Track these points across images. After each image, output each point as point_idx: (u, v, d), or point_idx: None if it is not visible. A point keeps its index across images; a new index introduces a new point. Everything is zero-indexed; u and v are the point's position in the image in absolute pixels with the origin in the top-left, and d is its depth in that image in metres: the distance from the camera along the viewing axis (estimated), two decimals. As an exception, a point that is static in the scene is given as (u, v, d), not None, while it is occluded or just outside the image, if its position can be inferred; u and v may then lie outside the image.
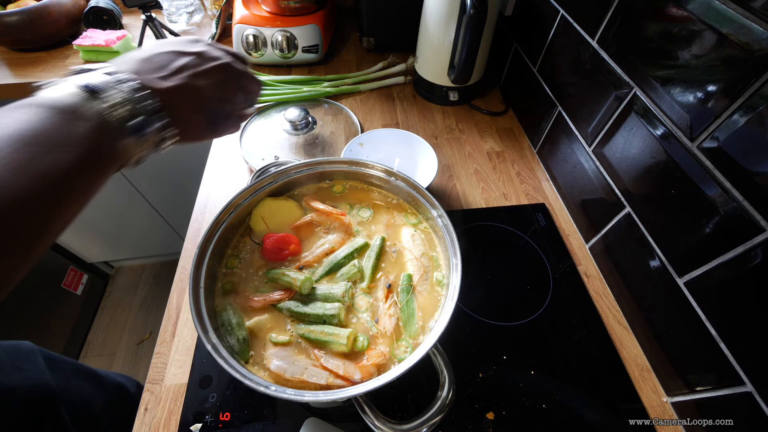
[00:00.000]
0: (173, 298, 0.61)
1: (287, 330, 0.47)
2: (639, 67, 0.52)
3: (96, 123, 0.23)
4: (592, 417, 0.52)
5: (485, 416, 0.51)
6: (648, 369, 0.56)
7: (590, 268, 0.67)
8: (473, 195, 0.77)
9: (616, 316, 0.61)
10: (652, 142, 0.51)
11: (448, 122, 0.91)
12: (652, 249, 0.52)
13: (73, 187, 0.22)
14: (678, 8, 0.45)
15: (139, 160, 0.29)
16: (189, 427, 0.49)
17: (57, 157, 0.21)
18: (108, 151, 0.24)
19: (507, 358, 0.56)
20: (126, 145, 0.26)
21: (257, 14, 0.93)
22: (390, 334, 0.47)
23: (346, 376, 0.43)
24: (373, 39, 1.04)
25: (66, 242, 1.46)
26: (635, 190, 0.56)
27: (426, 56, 0.88)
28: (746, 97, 0.38)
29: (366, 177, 0.60)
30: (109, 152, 0.24)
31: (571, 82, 0.69)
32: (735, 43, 0.39)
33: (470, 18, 0.69)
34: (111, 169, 0.26)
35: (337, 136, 0.85)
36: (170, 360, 0.55)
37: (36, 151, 0.20)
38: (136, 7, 0.94)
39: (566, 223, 0.73)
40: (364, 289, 0.51)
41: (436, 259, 0.54)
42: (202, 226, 0.71)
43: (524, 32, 0.86)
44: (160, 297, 1.69)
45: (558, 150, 0.76)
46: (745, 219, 0.39)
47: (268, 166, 0.58)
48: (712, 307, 0.45)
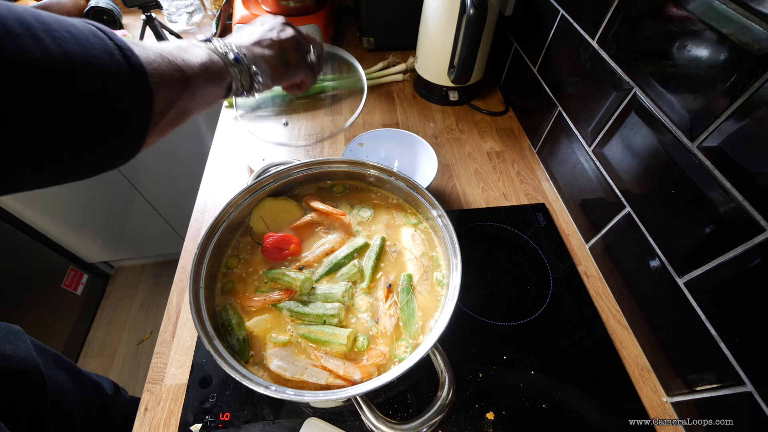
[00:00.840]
0: (173, 298, 0.61)
1: (287, 330, 0.47)
2: (639, 67, 0.52)
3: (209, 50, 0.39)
4: (592, 417, 0.52)
5: (485, 416, 0.51)
6: (648, 369, 0.56)
7: (590, 268, 0.67)
8: (473, 195, 0.77)
9: (616, 316, 0.61)
10: (652, 142, 0.51)
11: (448, 122, 0.91)
12: (652, 249, 0.52)
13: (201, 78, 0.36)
14: (678, 8, 0.45)
15: (239, 90, 0.43)
16: (189, 427, 0.49)
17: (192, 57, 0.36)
18: (217, 67, 0.39)
19: (507, 358, 0.56)
20: (228, 70, 0.40)
21: (257, 14, 0.93)
22: (390, 334, 0.47)
23: (346, 376, 0.43)
24: (373, 39, 1.04)
25: (66, 242, 1.45)
26: (635, 190, 0.56)
27: (426, 56, 0.88)
28: (746, 97, 0.38)
29: (366, 177, 0.60)
30: (218, 68, 0.39)
31: (571, 82, 0.69)
32: (735, 43, 0.39)
33: (470, 18, 0.69)
34: (221, 81, 0.39)
35: (337, 136, 0.84)
36: (170, 360, 0.55)
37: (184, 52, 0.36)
38: (136, 7, 0.94)
39: (566, 223, 0.73)
40: (364, 289, 0.51)
41: (436, 259, 0.54)
42: (202, 226, 0.71)
43: (524, 32, 0.86)
44: (160, 297, 1.69)
45: (558, 150, 0.76)
46: (745, 219, 0.39)
47: (268, 167, 0.58)
48: (712, 307, 0.45)
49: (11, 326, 0.67)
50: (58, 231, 1.40)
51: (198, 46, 0.38)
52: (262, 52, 0.45)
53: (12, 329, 0.66)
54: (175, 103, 0.33)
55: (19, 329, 0.68)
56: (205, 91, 0.38)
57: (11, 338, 0.64)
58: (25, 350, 0.64)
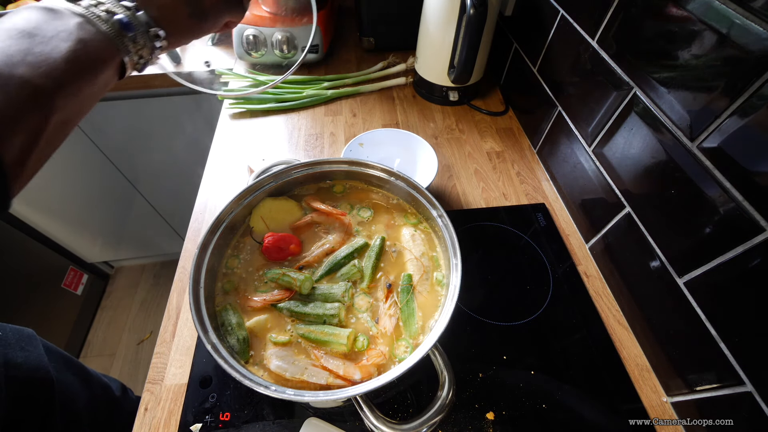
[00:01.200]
0: (173, 298, 0.61)
1: (287, 330, 0.47)
2: (639, 67, 0.52)
3: (80, 19, 0.27)
4: (592, 417, 0.52)
5: (485, 416, 0.51)
6: (648, 369, 0.56)
7: (590, 268, 0.67)
8: (473, 195, 0.77)
9: (616, 316, 0.61)
10: (652, 142, 0.51)
11: (448, 122, 0.91)
12: (652, 249, 0.52)
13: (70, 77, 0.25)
14: (678, 8, 0.45)
15: (139, 64, 0.32)
16: (189, 427, 0.49)
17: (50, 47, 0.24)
18: (97, 45, 0.27)
19: (507, 358, 0.56)
20: (114, 44, 0.29)
21: (257, 14, 0.93)
22: (390, 334, 0.47)
23: (346, 376, 0.43)
24: (373, 39, 1.04)
25: (66, 242, 1.46)
26: (635, 190, 0.56)
27: (426, 56, 0.88)
28: (746, 97, 0.38)
29: (366, 177, 0.60)
30: (98, 46, 0.27)
31: (571, 82, 0.69)
32: (735, 43, 0.39)
33: (470, 18, 0.69)
34: (106, 65, 0.28)
35: (337, 136, 0.85)
36: (170, 360, 0.55)
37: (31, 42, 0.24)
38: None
39: (566, 223, 0.73)
40: (364, 289, 0.51)
41: (436, 259, 0.54)
42: (202, 226, 0.71)
43: (524, 32, 0.86)
44: (160, 297, 1.69)
45: (558, 150, 0.76)
46: (745, 219, 0.39)
47: (268, 167, 0.58)
48: (712, 307, 0.45)
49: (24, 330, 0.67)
50: (58, 231, 1.40)
51: (58, 16, 0.26)
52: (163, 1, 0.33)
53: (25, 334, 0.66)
54: (40, 135, 0.25)
55: (31, 333, 0.68)
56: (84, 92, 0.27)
57: (23, 344, 0.64)
58: (36, 356, 0.64)
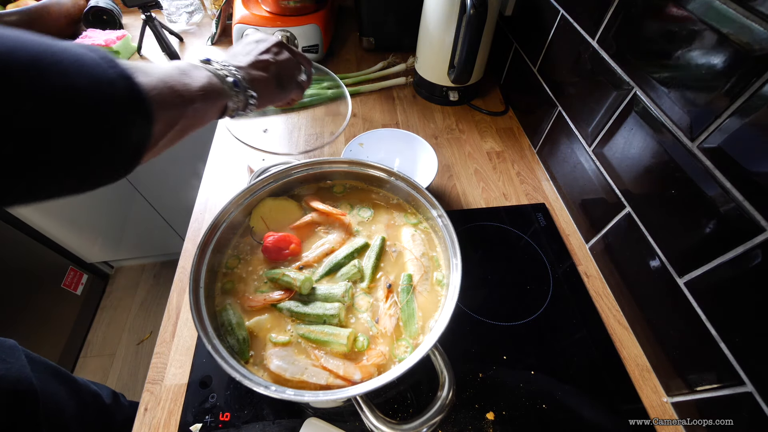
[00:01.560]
0: (173, 298, 0.61)
1: (287, 330, 0.47)
2: (639, 67, 0.52)
3: (210, 73, 0.40)
4: (592, 417, 0.52)
5: (485, 416, 0.51)
6: (648, 369, 0.56)
7: (590, 268, 0.67)
8: (473, 195, 0.77)
9: (616, 316, 0.61)
10: (652, 142, 0.51)
11: (448, 122, 0.91)
12: (652, 249, 0.52)
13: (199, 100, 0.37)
14: (678, 8, 0.45)
15: (234, 111, 0.43)
16: (189, 428, 0.49)
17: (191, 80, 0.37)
18: (216, 90, 0.40)
19: (507, 358, 0.56)
20: (226, 92, 0.41)
21: (257, 14, 0.93)
22: (390, 334, 0.47)
23: (346, 376, 0.43)
24: (373, 39, 1.04)
25: (66, 242, 1.45)
26: (635, 190, 0.56)
27: (426, 56, 0.88)
28: (746, 97, 0.38)
29: (366, 177, 0.60)
30: (217, 90, 0.40)
31: (571, 82, 0.69)
32: (735, 43, 0.39)
33: (470, 18, 0.69)
34: (218, 102, 0.40)
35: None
36: (170, 360, 0.55)
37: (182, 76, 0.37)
38: (136, 7, 0.94)
39: (566, 223, 0.73)
40: (364, 289, 0.51)
41: (436, 259, 0.54)
42: (202, 226, 0.71)
43: (524, 32, 0.86)
44: (160, 297, 1.69)
45: (558, 150, 0.76)
46: (745, 219, 0.39)
47: (268, 167, 0.58)
48: (712, 307, 0.45)
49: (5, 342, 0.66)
50: (58, 231, 1.40)
51: (198, 68, 0.40)
52: (259, 75, 0.46)
53: (6, 345, 0.65)
54: (173, 126, 0.35)
55: (13, 344, 0.67)
56: (202, 114, 0.39)
57: (4, 356, 0.63)
58: (18, 368, 0.63)
